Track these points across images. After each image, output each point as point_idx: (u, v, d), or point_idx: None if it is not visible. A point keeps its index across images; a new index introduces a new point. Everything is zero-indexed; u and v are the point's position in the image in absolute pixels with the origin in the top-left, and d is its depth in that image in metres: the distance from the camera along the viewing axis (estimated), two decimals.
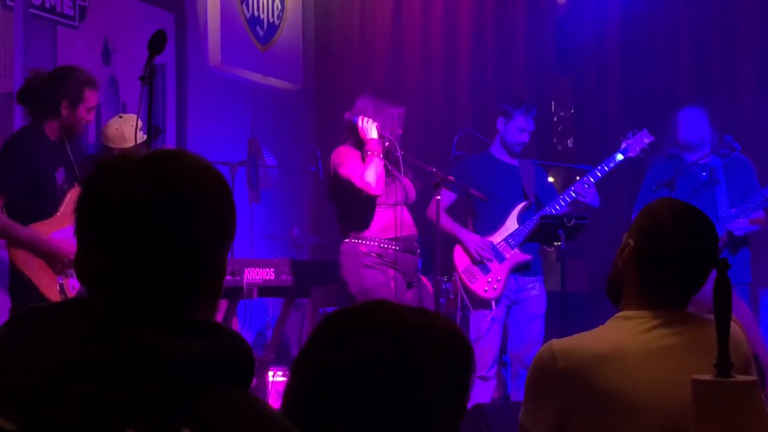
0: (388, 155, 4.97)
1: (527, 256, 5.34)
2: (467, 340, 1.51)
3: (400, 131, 5.07)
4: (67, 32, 5.77)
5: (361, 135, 4.95)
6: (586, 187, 5.30)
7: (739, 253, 5.39)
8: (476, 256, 5.27)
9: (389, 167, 4.99)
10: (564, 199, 5.31)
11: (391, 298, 4.81)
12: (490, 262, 5.29)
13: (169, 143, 6.38)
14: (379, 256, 4.98)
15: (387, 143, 4.95)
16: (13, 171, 4.16)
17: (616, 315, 2.26)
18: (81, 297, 1.31)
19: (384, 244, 4.98)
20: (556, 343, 2.18)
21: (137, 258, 1.28)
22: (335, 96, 7.71)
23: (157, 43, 3.75)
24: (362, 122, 4.94)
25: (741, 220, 5.27)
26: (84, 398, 1.18)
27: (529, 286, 5.41)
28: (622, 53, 6.98)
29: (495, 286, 5.28)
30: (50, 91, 4.30)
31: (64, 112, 4.30)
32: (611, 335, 2.18)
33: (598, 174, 5.37)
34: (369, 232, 5.00)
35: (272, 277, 5.47)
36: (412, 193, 5.15)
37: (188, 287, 1.31)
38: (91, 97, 4.37)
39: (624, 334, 2.16)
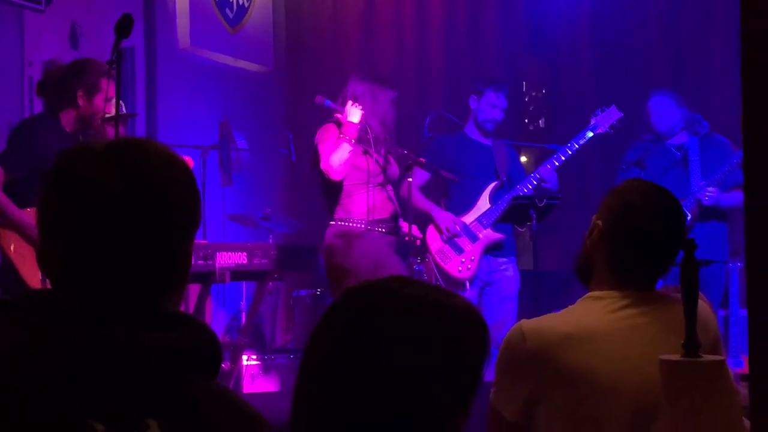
0: (362, 139, 4.96)
1: (500, 236, 5.36)
2: (485, 321, 1.49)
3: (394, 115, 5.10)
4: (34, 17, 5.71)
5: (344, 116, 4.95)
6: (548, 168, 5.30)
7: (712, 228, 5.36)
8: (446, 232, 5.27)
9: (366, 148, 4.99)
10: (530, 182, 5.31)
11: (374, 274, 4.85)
12: (459, 237, 5.29)
13: (139, 127, 6.34)
14: (361, 236, 5.00)
15: (365, 129, 4.94)
16: (18, 153, 4.14)
17: (585, 295, 2.27)
18: (45, 289, 1.30)
19: (369, 225, 5.01)
20: (526, 323, 2.19)
21: (102, 249, 1.27)
22: (307, 78, 7.68)
23: (123, 27, 3.73)
24: (346, 105, 4.96)
25: (710, 189, 5.25)
26: (49, 393, 1.17)
27: (503, 267, 5.42)
28: (594, 34, 6.99)
29: (469, 266, 5.29)
30: (67, 81, 4.28)
31: (80, 102, 4.28)
32: (580, 315, 2.19)
33: (569, 152, 5.37)
34: (354, 214, 5.02)
35: (245, 261, 5.45)
36: (395, 172, 5.16)
37: (154, 277, 1.30)
38: (108, 87, 4.34)
39: (593, 314, 2.17)
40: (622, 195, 2.26)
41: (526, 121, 7.60)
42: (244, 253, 5.51)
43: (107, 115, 4.22)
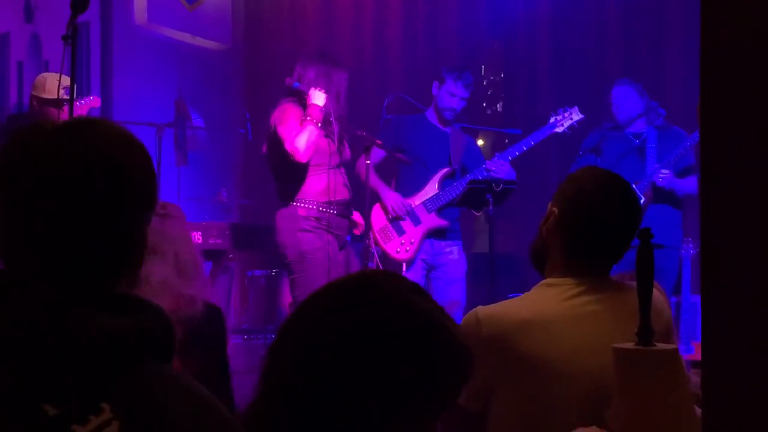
0: (327, 121, 4.96)
1: (443, 222, 5.36)
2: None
3: (346, 96, 5.11)
4: None
5: (308, 99, 4.93)
6: (502, 162, 5.30)
7: (666, 213, 5.41)
8: (391, 212, 5.28)
9: (327, 131, 4.99)
10: (482, 172, 5.31)
11: (326, 262, 4.87)
12: (403, 220, 5.30)
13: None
14: (317, 219, 4.99)
15: (327, 111, 4.94)
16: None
17: (540, 282, 2.28)
18: None
19: (322, 207, 4.99)
20: (481, 309, 2.19)
21: (55, 230, 1.24)
22: (264, 57, 7.63)
23: (80, 2, 3.67)
24: (310, 88, 4.94)
25: (664, 171, 5.29)
26: (0, 376, 1.15)
27: (447, 250, 5.43)
28: (553, 19, 7.00)
29: (407, 248, 5.30)
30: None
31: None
32: (535, 302, 2.20)
33: (524, 147, 5.39)
34: (308, 195, 5.00)
35: (200, 241, 5.43)
36: (347, 155, 5.17)
37: (108, 259, 1.28)
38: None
39: (548, 301, 2.18)
40: (577, 182, 2.27)
41: (484, 105, 7.61)
42: (199, 232, 5.50)
43: (60, 97, 4.19)
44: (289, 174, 5.02)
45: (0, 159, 1.29)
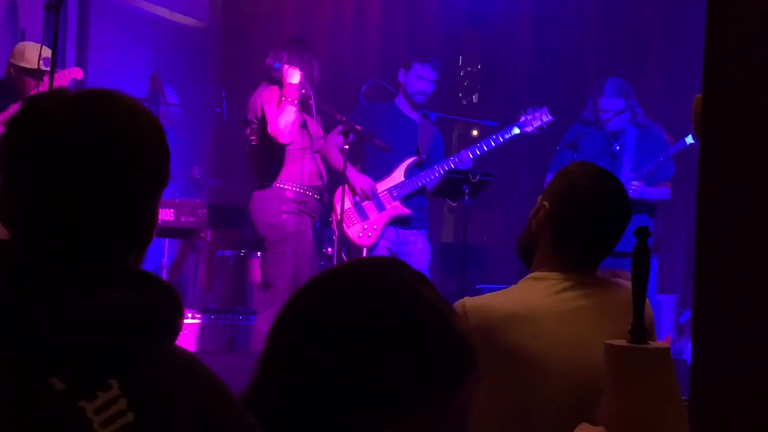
0: (303, 103, 4.97)
1: (406, 211, 5.36)
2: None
3: (318, 78, 5.10)
4: None
5: (284, 79, 4.93)
6: (468, 155, 5.32)
7: (639, 221, 5.44)
8: (360, 193, 5.26)
9: (303, 115, 4.99)
10: (448, 164, 5.32)
11: (301, 244, 4.90)
12: (369, 201, 5.28)
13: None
14: (302, 203, 5.04)
15: (303, 90, 4.95)
16: None
17: (527, 276, 2.29)
18: (4, 240, 1.26)
19: (307, 191, 5.04)
20: (469, 300, 2.20)
21: (65, 203, 1.23)
22: (241, 36, 7.59)
23: None
24: (286, 67, 4.96)
25: (635, 183, 5.33)
26: (9, 349, 1.14)
27: (412, 239, 5.43)
28: (533, 12, 7.03)
29: (369, 233, 5.30)
30: None
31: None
32: (523, 295, 2.21)
33: (492, 143, 5.39)
34: (294, 178, 5.03)
35: (171, 218, 5.40)
36: (320, 141, 5.18)
37: (118, 236, 1.27)
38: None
39: (535, 295, 2.19)
40: (570, 177, 2.27)
41: (460, 95, 7.63)
42: (171, 210, 5.47)
43: (40, 67, 4.16)
44: (273, 154, 5.02)
45: (14, 125, 1.27)
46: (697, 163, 1.67)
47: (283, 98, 4.92)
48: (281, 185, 5.04)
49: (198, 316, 5.93)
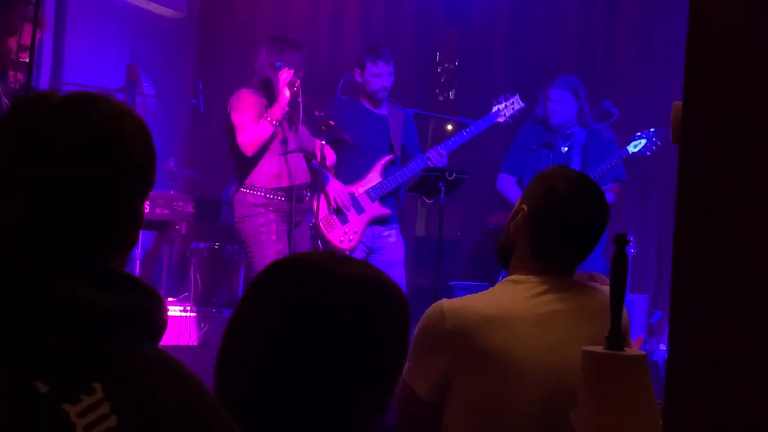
0: (292, 104, 4.99)
1: (387, 210, 5.37)
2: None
3: (302, 74, 5.09)
4: None
5: (279, 89, 4.97)
6: (438, 156, 5.32)
7: None
8: (333, 203, 5.27)
9: (289, 116, 5.03)
10: (423, 161, 5.31)
11: (275, 244, 4.92)
12: (348, 212, 5.30)
13: (45, 65, 6.15)
14: (264, 206, 5.07)
15: (291, 93, 4.98)
16: None
17: (504, 279, 2.31)
18: None
19: (269, 194, 5.07)
20: (447, 302, 2.21)
21: (52, 204, 1.23)
22: (219, 27, 7.56)
23: None
24: (284, 80, 4.98)
25: None
26: None
27: (386, 233, 5.43)
28: (510, 10, 7.05)
29: (351, 237, 5.29)
30: None
31: None
32: (500, 298, 2.23)
33: (465, 135, 5.41)
34: (256, 182, 5.07)
35: (146, 210, 5.38)
36: (308, 142, 5.17)
37: (103, 237, 1.28)
38: (23, 33, 4.17)
39: (512, 298, 2.21)
40: (548, 181, 2.29)
41: (437, 91, 7.65)
42: (146, 202, 5.44)
43: (21, 61, 4.11)
44: (240, 159, 5.05)
45: (1, 127, 1.27)
46: (671, 165, 1.69)
47: (266, 116, 4.95)
48: (244, 189, 5.10)
49: (171, 309, 5.92)
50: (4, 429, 1.12)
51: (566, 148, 5.49)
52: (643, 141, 5.23)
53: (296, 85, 4.99)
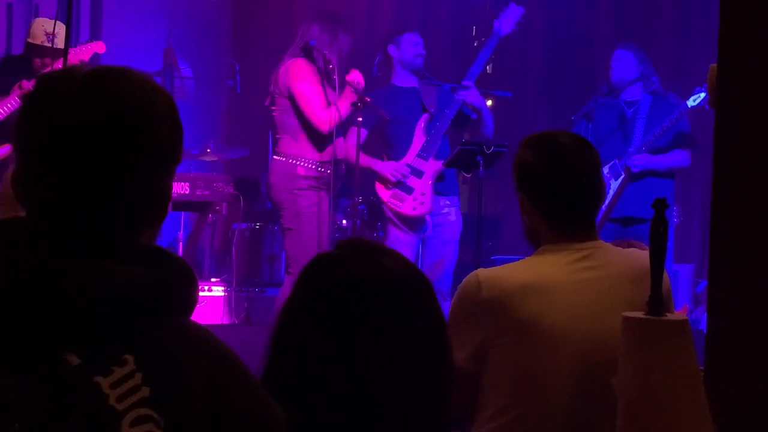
0: (327, 78, 4.99)
1: (440, 165, 5.37)
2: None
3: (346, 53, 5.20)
4: None
5: (351, 83, 5.03)
6: (468, 87, 5.35)
7: (655, 185, 5.36)
8: (393, 178, 5.29)
9: (329, 92, 5.04)
10: (455, 105, 5.36)
11: (318, 219, 4.91)
12: (407, 179, 5.31)
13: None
14: (316, 179, 5.08)
15: (330, 66, 5.02)
16: None
17: (540, 248, 2.29)
18: (19, 218, 1.26)
19: (321, 167, 5.08)
20: (482, 272, 2.21)
21: (80, 181, 1.23)
22: (254, 8, 7.56)
23: None
24: (355, 81, 5.06)
25: (638, 156, 5.29)
26: (24, 323, 1.15)
27: (445, 210, 5.44)
28: None
29: (422, 201, 5.33)
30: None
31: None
32: (537, 266, 2.22)
33: (482, 62, 5.45)
34: (308, 154, 5.08)
35: (187, 191, 5.42)
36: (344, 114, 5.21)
37: (132, 212, 1.27)
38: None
39: (549, 266, 2.20)
40: (521, 160, 2.30)
41: None
42: (187, 183, 5.49)
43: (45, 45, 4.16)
44: (295, 132, 5.05)
45: (27, 104, 1.28)
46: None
47: (336, 105, 4.99)
48: (294, 161, 5.06)
49: (214, 289, 5.96)
50: (37, 402, 1.13)
51: (631, 114, 5.43)
52: (702, 94, 5.15)
53: (361, 85, 5.06)
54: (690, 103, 5.19)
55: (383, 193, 5.38)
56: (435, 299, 1.52)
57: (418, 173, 5.36)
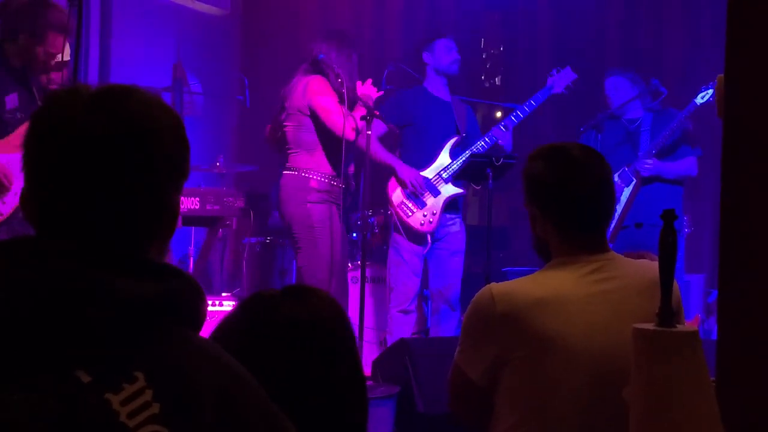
0: (340, 94, 5.04)
1: (461, 191, 5.41)
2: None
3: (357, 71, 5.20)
4: None
5: (362, 98, 5.04)
6: (502, 130, 5.36)
7: (664, 192, 5.39)
8: (410, 187, 5.30)
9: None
10: (485, 141, 5.37)
11: (331, 233, 4.95)
12: (424, 195, 5.33)
13: (92, 66, 6.22)
14: (327, 192, 5.07)
15: (340, 80, 5.02)
16: None
17: (552, 261, 2.29)
18: (29, 236, 1.26)
19: (333, 181, 5.07)
20: (496, 287, 2.20)
21: (88, 198, 1.24)
22: (263, 23, 7.58)
23: None
24: (366, 95, 5.06)
25: (648, 160, 5.31)
26: (32, 341, 1.15)
27: (450, 222, 5.47)
28: None
29: (431, 219, 5.34)
30: (15, 18, 4.14)
31: (22, 43, 4.15)
32: (550, 280, 2.21)
33: (526, 109, 5.45)
34: (321, 168, 5.07)
35: (197, 207, 5.42)
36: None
37: (140, 228, 1.28)
38: (54, 42, 4.20)
39: (561, 279, 2.19)
40: (532, 172, 2.31)
41: (483, 78, 7.60)
42: (197, 198, 5.49)
43: (58, 60, 4.14)
44: (311, 146, 5.05)
45: (35, 122, 1.28)
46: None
47: (349, 114, 4.98)
48: (306, 174, 5.05)
49: (225, 303, 5.96)
50: (48, 419, 1.13)
51: (633, 129, 5.45)
52: (710, 91, 5.16)
53: (371, 99, 5.07)
54: (698, 100, 5.21)
55: (394, 195, 5.37)
56: (353, 340, 1.65)
57: (434, 191, 5.37)
